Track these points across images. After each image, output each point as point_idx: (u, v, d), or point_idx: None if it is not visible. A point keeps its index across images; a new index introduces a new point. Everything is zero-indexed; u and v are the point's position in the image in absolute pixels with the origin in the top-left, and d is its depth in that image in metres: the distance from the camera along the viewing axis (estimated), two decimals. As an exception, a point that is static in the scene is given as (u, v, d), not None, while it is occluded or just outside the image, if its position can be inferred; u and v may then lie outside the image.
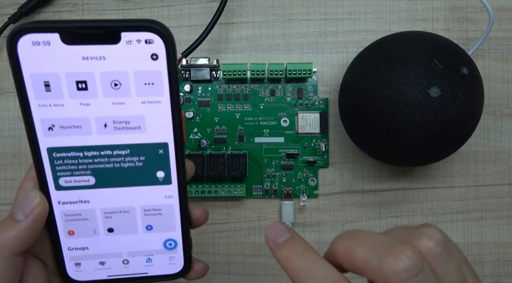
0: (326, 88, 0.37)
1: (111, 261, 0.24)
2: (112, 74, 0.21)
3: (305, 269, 0.18)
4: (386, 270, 0.17)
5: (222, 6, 0.34)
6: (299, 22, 0.37)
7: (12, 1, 0.36)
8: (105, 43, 0.20)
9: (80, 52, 0.20)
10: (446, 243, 0.18)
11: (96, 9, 0.37)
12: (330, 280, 0.17)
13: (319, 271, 0.18)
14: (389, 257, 0.17)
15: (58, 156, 0.22)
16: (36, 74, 0.20)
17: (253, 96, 0.36)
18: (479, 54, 0.37)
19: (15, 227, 0.21)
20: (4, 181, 0.37)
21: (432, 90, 0.28)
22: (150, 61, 0.21)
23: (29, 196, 0.22)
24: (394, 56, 0.29)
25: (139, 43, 0.20)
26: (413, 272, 0.16)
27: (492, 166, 0.37)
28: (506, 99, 0.37)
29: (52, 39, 0.20)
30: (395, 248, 0.17)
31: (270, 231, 0.20)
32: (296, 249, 0.19)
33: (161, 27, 0.20)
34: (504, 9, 0.37)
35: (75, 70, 0.20)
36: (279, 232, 0.20)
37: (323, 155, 0.37)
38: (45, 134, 0.21)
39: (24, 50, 0.20)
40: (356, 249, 0.18)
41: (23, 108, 0.21)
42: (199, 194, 0.36)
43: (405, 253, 0.17)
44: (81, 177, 0.22)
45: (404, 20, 0.37)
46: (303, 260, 0.18)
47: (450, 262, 0.18)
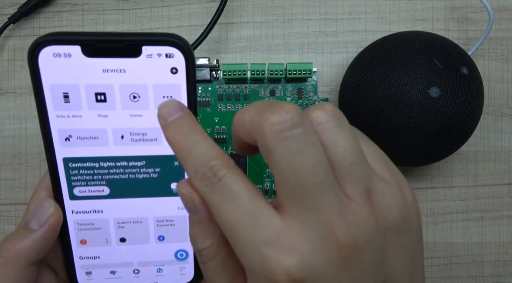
0: (326, 88, 0.37)
1: (122, 270, 0.24)
2: (131, 87, 0.21)
3: (186, 147, 0.18)
4: (263, 124, 0.16)
5: (222, 6, 0.34)
6: (299, 22, 0.37)
7: (12, 1, 0.36)
8: (126, 56, 0.20)
9: (101, 65, 0.20)
10: (336, 114, 0.17)
11: (96, 9, 0.37)
12: (209, 157, 0.17)
13: (199, 149, 0.17)
14: (267, 112, 0.16)
15: (74, 166, 0.22)
16: (55, 85, 0.20)
17: (253, 96, 0.36)
18: (479, 54, 0.37)
19: (30, 237, 0.21)
20: (4, 181, 0.37)
21: (432, 90, 0.28)
22: (170, 74, 0.21)
23: (43, 206, 0.22)
24: (394, 56, 0.29)
25: (160, 57, 0.20)
26: (288, 124, 0.16)
27: (492, 166, 0.37)
28: (506, 99, 0.37)
29: (73, 51, 0.20)
30: (276, 104, 0.16)
31: (162, 108, 0.19)
32: (183, 128, 0.18)
33: (182, 42, 0.20)
34: (504, 9, 0.37)
35: (95, 82, 0.20)
36: (171, 110, 0.19)
37: (323, 155, 0.37)
38: (62, 144, 0.22)
39: (45, 62, 0.20)
40: (245, 113, 0.17)
41: (41, 118, 0.21)
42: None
43: (284, 107, 0.16)
44: (95, 187, 0.23)
45: (404, 20, 0.37)
46: (187, 140, 0.18)
47: (340, 131, 0.17)
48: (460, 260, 0.37)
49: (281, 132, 0.16)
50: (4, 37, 0.36)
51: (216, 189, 0.17)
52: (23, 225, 0.22)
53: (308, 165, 0.16)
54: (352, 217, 0.16)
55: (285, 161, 0.16)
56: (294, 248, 0.16)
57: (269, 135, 0.16)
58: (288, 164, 0.16)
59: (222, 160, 0.17)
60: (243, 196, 0.17)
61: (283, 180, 0.16)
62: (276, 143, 0.16)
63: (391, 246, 0.17)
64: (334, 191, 0.16)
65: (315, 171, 0.16)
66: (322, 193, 0.16)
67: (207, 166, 0.17)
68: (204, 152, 0.17)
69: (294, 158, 0.16)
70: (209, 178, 0.17)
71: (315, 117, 0.17)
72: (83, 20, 0.37)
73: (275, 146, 0.16)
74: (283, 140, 0.16)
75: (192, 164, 0.17)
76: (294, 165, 0.16)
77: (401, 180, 0.19)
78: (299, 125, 0.16)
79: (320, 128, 0.17)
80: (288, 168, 0.16)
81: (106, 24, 0.37)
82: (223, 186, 0.17)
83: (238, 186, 0.17)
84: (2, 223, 0.37)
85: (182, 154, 0.18)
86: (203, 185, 0.17)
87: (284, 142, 0.16)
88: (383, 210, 0.17)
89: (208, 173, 0.17)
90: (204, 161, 0.17)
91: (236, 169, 0.17)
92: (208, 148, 0.17)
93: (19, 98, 0.37)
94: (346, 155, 0.17)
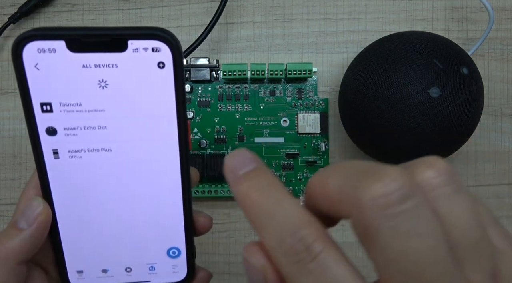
0: (326, 88, 0.37)
1: (114, 269, 0.24)
2: (117, 82, 0.21)
3: (266, 209, 0.14)
4: (362, 197, 0.13)
5: (222, 6, 0.34)
6: (299, 22, 0.37)
7: (12, 1, 0.36)
8: (112, 51, 0.20)
9: (86, 60, 0.20)
10: (452, 174, 0.14)
11: (96, 9, 0.37)
12: (298, 224, 0.14)
13: (282, 212, 0.14)
14: (366, 180, 0.13)
15: None
16: (40, 81, 0.20)
17: (253, 96, 0.36)
18: (479, 54, 0.37)
19: (19, 236, 0.21)
20: (4, 181, 0.37)
21: (432, 90, 0.28)
22: (157, 69, 0.20)
23: (32, 204, 0.22)
24: (394, 56, 0.29)
25: (146, 51, 0.20)
26: (396, 197, 0.12)
27: (492, 166, 0.37)
28: (506, 99, 0.37)
29: (58, 47, 0.20)
30: (376, 169, 0.13)
31: (231, 159, 0.16)
32: (260, 184, 0.15)
33: (169, 35, 0.20)
34: (504, 9, 0.37)
35: (80, 77, 0.20)
36: (242, 161, 0.16)
37: (323, 155, 0.37)
38: (48, 141, 0.21)
39: (29, 57, 0.20)
40: (331, 178, 0.14)
41: (27, 115, 0.21)
42: (199, 194, 0.36)
43: (388, 174, 0.13)
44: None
45: (404, 20, 0.37)
46: (265, 199, 0.15)
47: (458, 199, 0.14)
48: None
49: (388, 208, 0.12)
50: (4, 37, 0.36)
51: (310, 270, 0.13)
52: (12, 224, 0.21)
53: (426, 250, 0.13)
54: None
55: (396, 245, 0.12)
56: None
57: (372, 212, 0.13)
58: (400, 249, 0.12)
59: (315, 228, 0.14)
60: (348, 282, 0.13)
61: (394, 268, 0.13)
62: (382, 223, 0.12)
63: None
64: (457, 278, 0.13)
65: (436, 256, 0.13)
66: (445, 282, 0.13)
67: (296, 237, 0.13)
68: (291, 216, 0.14)
69: (408, 241, 0.12)
70: (299, 254, 0.13)
71: (426, 179, 0.14)
72: (83, 20, 0.37)
73: (381, 226, 0.13)
74: (391, 219, 0.12)
75: (275, 232, 0.14)
76: (409, 250, 0.12)
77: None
78: (411, 196, 0.13)
79: (434, 195, 0.13)
80: (400, 254, 0.13)
81: (106, 24, 0.37)
82: (320, 267, 0.13)
83: (340, 269, 0.13)
84: (2, 223, 0.37)
85: (260, 218, 0.14)
86: (290, 262, 0.13)
87: (393, 221, 0.12)
88: None
89: (299, 247, 0.13)
90: (292, 229, 0.14)
91: (333, 242, 0.14)
92: (296, 211, 0.14)
93: (19, 98, 0.37)
94: (469, 231, 0.13)
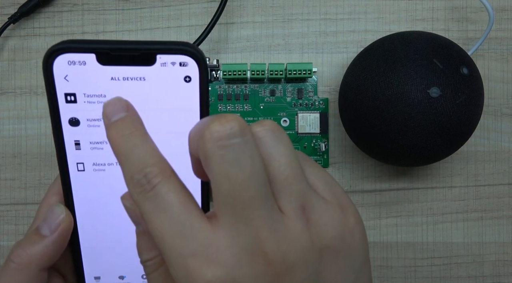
0: (326, 88, 0.37)
1: (131, 275, 0.24)
2: (145, 95, 0.21)
3: (124, 152, 0.17)
4: (203, 133, 0.16)
5: (222, 6, 0.34)
6: (299, 22, 0.37)
7: (12, 1, 0.36)
8: (140, 64, 0.20)
9: (115, 73, 0.20)
10: (275, 130, 0.17)
11: (96, 9, 0.37)
12: (145, 163, 0.16)
13: (136, 155, 0.17)
14: (210, 122, 0.16)
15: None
16: (69, 93, 0.20)
17: (253, 96, 0.36)
18: (479, 54, 0.37)
19: (42, 243, 0.21)
20: (4, 181, 0.37)
21: (432, 90, 0.28)
22: (183, 83, 0.21)
23: (54, 211, 0.22)
24: (394, 56, 0.29)
25: (174, 65, 0.20)
26: (227, 133, 0.15)
27: (492, 166, 0.37)
28: (506, 99, 0.37)
29: (88, 59, 0.20)
30: (220, 116, 0.16)
31: (106, 106, 0.18)
32: (124, 131, 0.17)
33: (196, 51, 0.20)
34: (504, 9, 0.37)
35: (109, 90, 0.21)
36: (115, 109, 0.18)
37: (323, 155, 0.37)
38: (74, 150, 0.22)
39: (59, 69, 0.20)
40: (193, 127, 0.17)
41: (54, 125, 0.21)
42: (199, 194, 0.36)
43: (226, 118, 0.16)
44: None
45: (404, 20, 0.37)
46: (126, 143, 0.17)
47: (277, 145, 0.17)
48: (460, 260, 0.37)
49: (219, 140, 0.15)
50: (4, 37, 0.36)
51: (148, 197, 0.16)
52: (34, 231, 0.22)
53: (243, 177, 0.15)
54: (283, 232, 0.16)
55: (221, 170, 0.15)
56: (221, 261, 0.15)
57: (208, 143, 0.16)
58: (223, 173, 0.15)
59: (159, 167, 0.17)
60: (174, 206, 0.16)
61: (218, 190, 0.16)
62: (214, 151, 0.15)
63: (328, 268, 0.17)
64: (268, 205, 0.16)
65: (249, 183, 0.15)
66: (255, 206, 0.15)
67: (142, 173, 0.16)
68: (141, 158, 0.17)
69: (230, 168, 0.15)
70: (142, 186, 0.16)
71: (255, 131, 0.17)
72: (83, 20, 0.37)
73: (213, 154, 0.15)
74: (221, 149, 0.15)
75: (128, 170, 0.17)
76: (230, 175, 0.15)
77: (345, 202, 0.18)
78: (239, 135, 0.16)
79: (259, 142, 0.17)
80: (223, 178, 0.15)
81: (106, 24, 0.37)
82: (155, 195, 0.16)
83: (170, 195, 0.16)
84: (2, 223, 0.37)
85: (120, 159, 0.17)
86: (136, 192, 0.16)
87: (221, 151, 0.15)
88: (318, 228, 0.17)
89: (142, 180, 0.16)
90: (139, 167, 0.16)
91: (173, 177, 0.17)
92: (146, 153, 0.17)
93: (19, 98, 0.37)
94: (281, 169, 0.16)
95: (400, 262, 0.37)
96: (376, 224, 0.37)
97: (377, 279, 0.37)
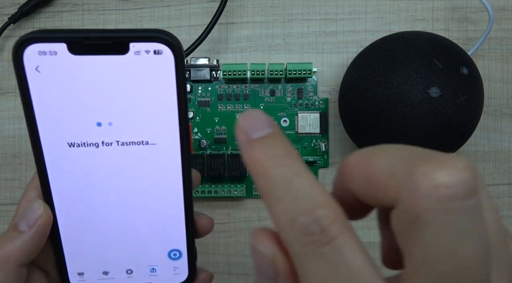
0: (326, 88, 0.37)
1: (115, 271, 0.24)
2: (119, 85, 0.20)
3: (280, 181, 0.13)
4: (418, 182, 0.11)
5: (222, 6, 0.34)
6: (299, 22, 0.37)
7: (12, 1, 0.36)
8: (113, 53, 0.20)
9: (87, 62, 0.20)
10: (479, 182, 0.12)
11: (96, 9, 0.37)
12: (314, 202, 0.12)
13: (298, 186, 0.13)
14: (426, 165, 0.11)
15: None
16: (41, 84, 0.20)
17: (253, 96, 0.36)
18: (479, 54, 0.37)
19: (19, 238, 0.21)
20: (4, 181, 0.37)
21: (432, 90, 0.28)
22: (159, 71, 0.20)
23: (32, 206, 0.21)
24: (394, 56, 0.29)
25: (148, 53, 0.20)
26: (461, 191, 0.11)
27: (492, 166, 0.37)
28: (506, 99, 0.37)
29: (59, 49, 0.19)
30: (438, 157, 0.12)
31: (244, 119, 0.14)
32: (275, 152, 0.13)
33: (170, 38, 0.20)
34: (504, 9, 0.37)
35: (81, 80, 0.20)
36: (256, 123, 0.14)
37: (323, 155, 0.37)
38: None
39: (30, 60, 0.19)
40: (377, 159, 0.13)
41: (28, 118, 0.20)
42: (199, 194, 0.36)
43: (453, 163, 0.11)
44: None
45: (404, 20, 0.37)
46: (280, 169, 0.13)
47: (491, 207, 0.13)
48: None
49: (449, 201, 0.11)
50: (4, 37, 0.36)
51: (322, 254, 0.12)
52: (12, 227, 0.21)
53: (476, 256, 0.11)
54: None
55: (445, 243, 0.11)
56: None
57: (429, 202, 0.11)
58: (449, 248, 0.11)
59: (334, 210, 0.13)
60: (363, 274, 0.12)
61: (432, 267, 0.11)
62: (438, 216, 0.11)
63: None
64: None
65: (482, 265, 0.11)
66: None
67: (311, 216, 0.12)
68: (308, 192, 0.13)
69: (462, 241, 0.11)
70: (312, 235, 0.12)
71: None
72: (83, 20, 0.37)
73: (436, 219, 0.11)
74: (450, 213, 0.11)
75: (288, 208, 0.13)
76: (459, 251, 0.11)
77: None
78: (474, 193, 0.11)
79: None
80: (446, 254, 0.11)
81: (106, 24, 0.37)
82: (335, 252, 0.12)
83: (356, 258, 0.12)
84: (2, 223, 0.37)
85: (272, 190, 0.13)
86: (301, 243, 0.12)
87: (451, 216, 0.11)
88: None
89: (313, 228, 0.12)
90: (307, 207, 0.12)
91: (351, 228, 0.13)
92: (314, 187, 0.13)
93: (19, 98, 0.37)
94: (498, 239, 0.13)
95: (400, 262, 0.37)
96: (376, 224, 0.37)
97: (377, 279, 0.37)
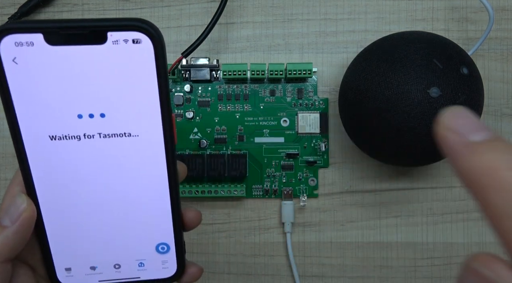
0: (326, 88, 0.37)
1: (102, 265, 0.24)
2: (97, 75, 0.20)
3: None
4: None
5: (222, 6, 0.34)
6: (299, 22, 0.37)
7: (12, 1, 0.37)
8: (91, 43, 0.19)
9: (65, 53, 0.19)
10: None
11: (96, 9, 0.37)
12: None
13: None
14: None
15: None
16: (19, 76, 0.20)
17: (253, 96, 0.36)
18: (479, 54, 0.37)
19: (2, 233, 0.21)
20: (4, 181, 0.37)
21: (432, 90, 0.28)
22: (138, 61, 0.20)
23: (16, 201, 0.21)
24: (394, 56, 0.29)
25: (126, 43, 0.19)
26: None
27: (492, 166, 0.37)
28: (506, 99, 0.37)
29: (35, 40, 0.19)
30: None
31: (453, 117, 0.12)
32: (508, 157, 0.11)
33: (149, 26, 0.19)
34: (504, 9, 0.37)
35: (59, 71, 0.20)
36: (468, 123, 0.12)
37: (323, 155, 0.37)
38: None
39: (6, 51, 0.19)
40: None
41: (7, 111, 0.20)
42: (199, 194, 0.36)
43: None
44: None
45: (404, 20, 0.37)
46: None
47: None
48: (460, 260, 0.37)
49: None
50: (4, 37, 0.36)
51: None
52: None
53: None
54: None
55: None
56: None
57: None
58: None
59: None
60: None
61: None
62: None
63: None
64: None
65: None
66: None
67: None
68: None
69: None
70: None
71: None
72: (83, 20, 0.37)
73: None
74: None
75: None
76: None
77: None
78: None
79: None
80: None
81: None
82: None
83: None
84: (2, 223, 0.37)
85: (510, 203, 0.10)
86: None
87: None
88: None
89: None
90: None
91: None
92: None
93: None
94: None
95: (400, 262, 0.37)
96: (376, 224, 0.37)
97: (377, 279, 0.37)
